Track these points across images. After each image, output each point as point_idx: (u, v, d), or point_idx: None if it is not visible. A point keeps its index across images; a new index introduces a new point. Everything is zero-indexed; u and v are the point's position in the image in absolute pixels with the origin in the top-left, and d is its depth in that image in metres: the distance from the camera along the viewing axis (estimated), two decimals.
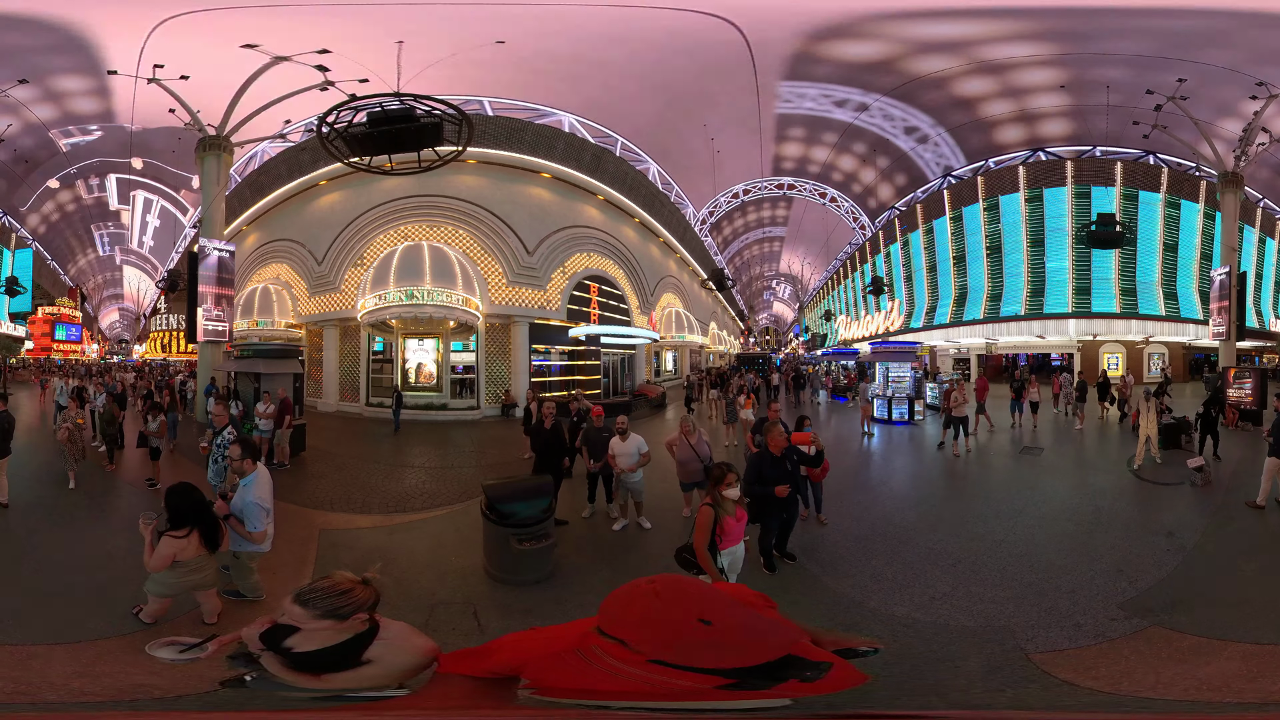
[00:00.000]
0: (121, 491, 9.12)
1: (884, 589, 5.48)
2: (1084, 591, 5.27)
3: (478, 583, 5.69)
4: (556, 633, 1.83)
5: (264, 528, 4.81)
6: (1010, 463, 11.65)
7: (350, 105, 11.07)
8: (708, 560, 4.32)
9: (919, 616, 4.90)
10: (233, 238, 23.59)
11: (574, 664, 1.57)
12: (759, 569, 5.74)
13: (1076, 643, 4.40)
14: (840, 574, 5.90)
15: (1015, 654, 4.25)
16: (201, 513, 4.37)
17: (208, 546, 4.35)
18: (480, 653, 1.86)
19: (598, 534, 7.20)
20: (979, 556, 6.27)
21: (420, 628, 4.54)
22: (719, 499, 4.45)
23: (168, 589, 4.35)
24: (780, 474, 5.73)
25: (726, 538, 4.48)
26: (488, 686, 1.75)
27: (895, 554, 6.39)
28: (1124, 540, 6.67)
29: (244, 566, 4.95)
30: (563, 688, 1.57)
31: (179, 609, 4.59)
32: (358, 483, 9.87)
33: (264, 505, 4.82)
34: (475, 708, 1.74)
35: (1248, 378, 15.71)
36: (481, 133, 18.41)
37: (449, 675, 1.85)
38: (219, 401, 9.15)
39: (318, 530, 7.16)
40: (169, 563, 4.21)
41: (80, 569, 5.70)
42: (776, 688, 1.49)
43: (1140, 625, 4.61)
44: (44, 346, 45.48)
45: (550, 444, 7.72)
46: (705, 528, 4.37)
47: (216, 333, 17.27)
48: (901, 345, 22.43)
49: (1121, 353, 31.99)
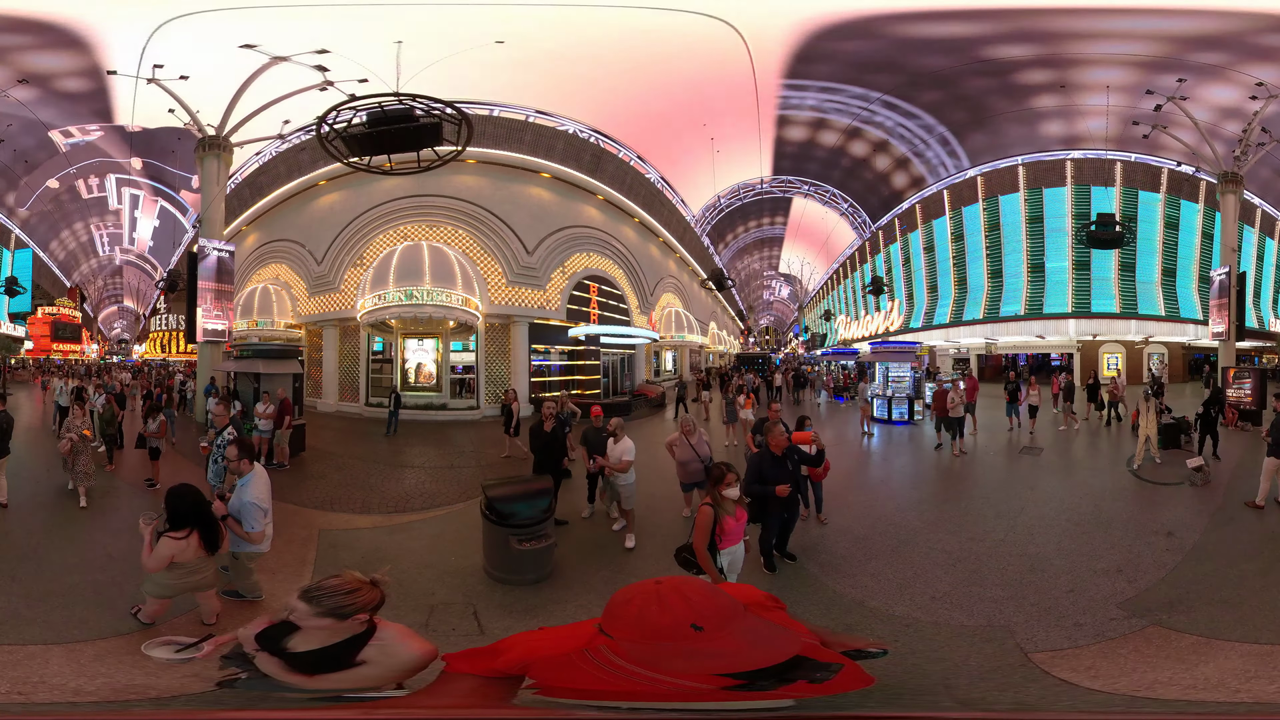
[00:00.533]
0: (121, 492, 9.11)
1: (885, 589, 5.50)
2: (1084, 591, 5.28)
3: (478, 583, 5.69)
4: (566, 632, 1.84)
5: (262, 528, 4.81)
6: (1009, 463, 11.67)
7: (349, 105, 11.06)
8: (707, 560, 4.33)
9: (920, 616, 4.91)
10: (232, 238, 23.58)
11: (581, 664, 1.57)
12: (759, 569, 5.75)
13: (1076, 642, 4.41)
14: (841, 574, 5.90)
15: (1015, 654, 4.28)
16: (201, 515, 4.36)
17: (207, 548, 4.34)
18: (489, 652, 1.86)
19: (598, 534, 7.20)
20: (979, 556, 6.27)
21: (420, 628, 4.59)
22: (718, 499, 4.45)
23: (166, 590, 4.34)
24: (781, 474, 5.73)
25: (726, 538, 4.48)
26: (493, 686, 1.75)
27: (896, 554, 6.40)
28: (1123, 540, 6.66)
29: (243, 567, 4.95)
30: (567, 687, 1.57)
31: (178, 609, 4.59)
32: (357, 483, 9.88)
33: (261, 506, 4.81)
34: (476, 706, 1.74)
35: (1247, 378, 15.74)
36: (481, 133, 18.42)
37: (455, 675, 1.85)
38: (220, 401, 9.14)
39: (317, 531, 7.16)
40: (167, 564, 4.20)
41: (80, 569, 5.68)
42: (783, 688, 1.50)
43: (1139, 625, 4.63)
44: (43, 347, 45.45)
45: (549, 445, 7.70)
46: (705, 528, 4.37)
47: (216, 333, 17.26)
48: (901, 345, 22.41)
49: (1121, 353, 32.00)
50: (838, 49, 24.64)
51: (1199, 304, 30.31)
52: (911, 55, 25.28)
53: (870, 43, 24.22)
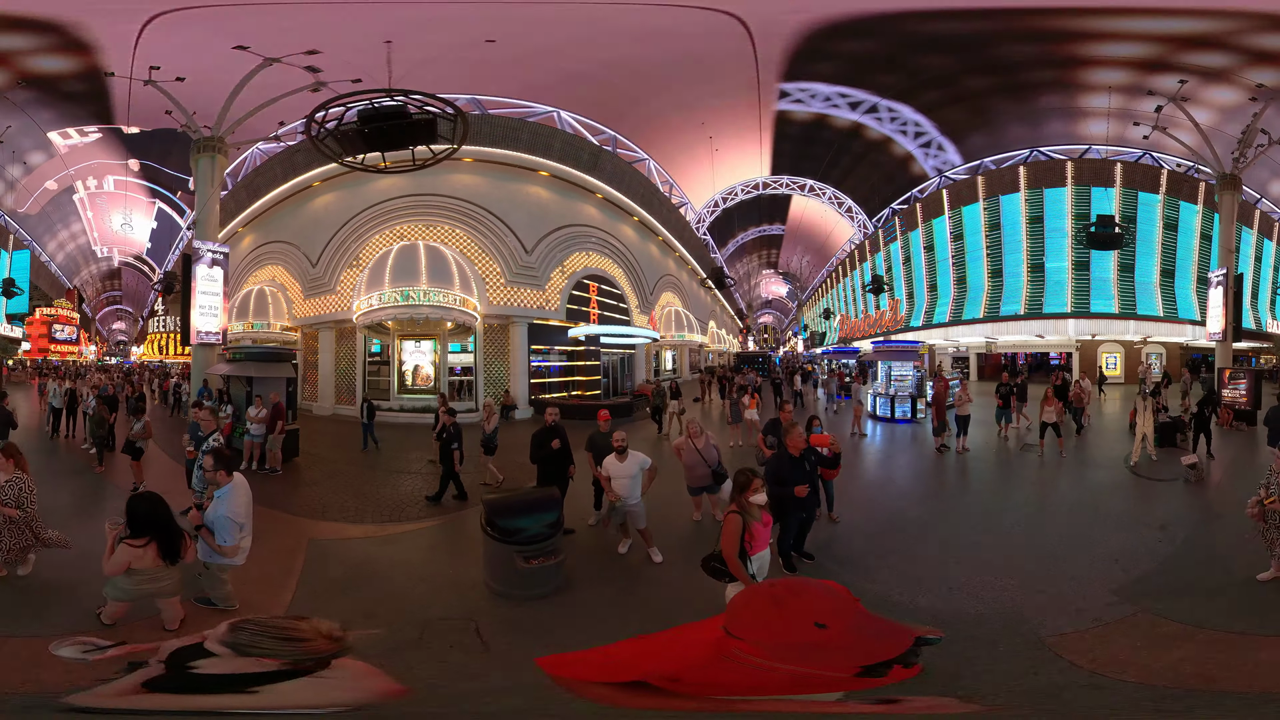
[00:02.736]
0: (109, 494, 9.06)
1: (904, 583, 5.64)
2: (1084, 579, 5.61)
3: (479, 597, 5.43)
4: (684, 638, 1.98)
5: (235, 542, 4.76)
6: (1011, 460, 11.80)
7: (339, 102, 10.94)
8: (739, 568, 4.27)
9: (941, 607, 5.18)
10: (229, 239, 23.47)
11: (729, 666, 1.70)
12: (779, 570, 5.69)
13: (1079, 626, 4.72)
14: (860, 571, 6.03)
15: (1032, 638, 4.54)
16: (160, 524, 4.33)
17: (165, 558, 4.32)
18: (594, 659, 2.00)
19: (607, 542, 6.87)
20: (987, 549, 6.57)
21: (414, 643, 4.48)
22: (745, 505, 4.41)
23: (125, 594, 4.38)
24: (799, 475, 5.76)
25: (756, 543, 4.44)
26: (621, 693, 1.83)
27: (909, 549, 6.62)
28: (1120, 532, 6.98)
29: (214, 577, 4.91)
30: (720, 684, 1.69)
31: (141, 613, 4.57)
32: (351, 489, 9.75)
33: (236, 520, 4.75)
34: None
35: (1243, 378, 16.07)
36: (478, 131, 18.30)
37: (576, 681, 1.96)
38: (203, 406, 9.07)
39: (306, 540, 7.01)
40: (124, 569, 4.25)
41: (57, 566, 5.71)
42: (889, 674, 1.67)
43: (1129, 611, 4.95)
44: (41, 348, 45.32)
45: (554, 454, 7.29)
46: (734, 535, 4.31)
47: (210, 335, 17.15)
48: (904, 344, 22.36)
49: (1120, 352, 32.11)
50: (839, 48, 24.54)
51: (1197, 304, 30.29)
52: (913, 54, 25.19)
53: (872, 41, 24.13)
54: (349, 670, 1.85)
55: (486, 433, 10.07)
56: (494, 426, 10.12)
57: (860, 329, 43.65)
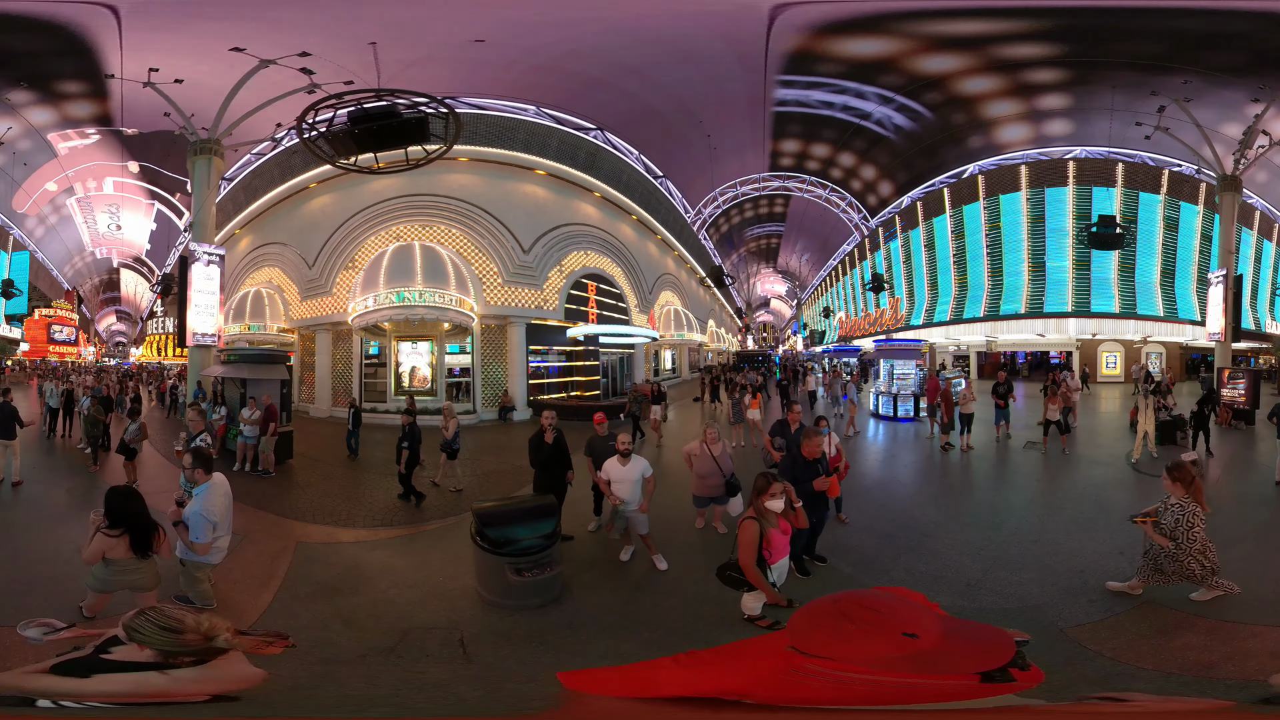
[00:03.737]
0: (103, 493, 9.00)
1: (922, 582, 5.63)
2: (1091, 572, 5.77)
3: (469, 606, 5.23)
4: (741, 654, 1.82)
5: (207, 540, 4.76)
6: (1015, 458, 11.86)
7: (328, 102, 10.88)
8: (759, 577, 4.10)
9: (964, 604, 5.23)
10: (226, 241, 23.45)
11: (799, 681, 1.57)
12: (791, 574, 5.53)
13: (1092, 617, 4.89)
14: (876, 571, 6.03)
15: (1053, 630, 4.67)
16: (133, 517, 4.42)
17: (135, 551, 4.38)
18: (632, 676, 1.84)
19: (608, 549, 6.67)
20: (999, 545, 6.67)
21: (387, 653, 4.39)
22: (762, 511, 4.22)
23: (102, 585, 4.47)
24: (814, 477, 5.71)
25: (775, 551, 4.24)
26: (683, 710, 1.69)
27: (922, 548, 6.62)
28: (1123, 527, 6.99)
29: (191, 575, 4.96)
30: (796, 696, 1.57)
31: (121, 607, 4.50)
32: (344, 492, 9.71)
33: (209, 518, 4.75)
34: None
35: (1242, 378, 16.30)
36: (473, 131, 18.26)
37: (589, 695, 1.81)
38: (192, 407, 9.08)
39: (295, 543, 6.95)
40: (99, 558, 4.35)
41: (48, 560, 5.91)
42: (1016, 679, 1.58)
43: (1135, 603, 5.12)
44: (40, 349, 45.35)
45: (552, 459, 6.90)
46: (751, 543, 4.12)
47: (207, 337, 17.10)
48: (907, 343, 22.29)
49: (1120, 352, 32.08)
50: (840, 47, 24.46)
51: (1197, 305, 30.25)
52: (915, 53, 25.09)
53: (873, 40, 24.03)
54: (226, 658, 1.77)
55: (446, 438, 9.92)
56: (454, 431, 9.96)
57: (860, 328, 43.63)
